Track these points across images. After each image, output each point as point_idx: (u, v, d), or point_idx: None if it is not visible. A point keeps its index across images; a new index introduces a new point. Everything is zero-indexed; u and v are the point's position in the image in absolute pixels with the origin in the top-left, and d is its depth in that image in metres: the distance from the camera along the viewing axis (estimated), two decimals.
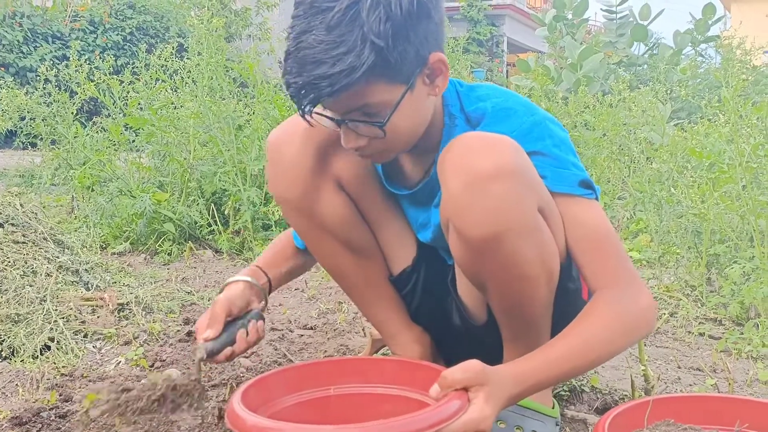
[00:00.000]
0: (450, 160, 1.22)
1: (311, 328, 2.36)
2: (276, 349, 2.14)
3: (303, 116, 1.27)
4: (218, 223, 3.52)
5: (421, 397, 1.23)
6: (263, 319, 1.50)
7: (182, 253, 3.44)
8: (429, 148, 1.42)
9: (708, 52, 8.72)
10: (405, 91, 1.24)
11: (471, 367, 1.13)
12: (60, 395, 1.66)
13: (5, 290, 2.13)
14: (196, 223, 3.55)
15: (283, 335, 2.26)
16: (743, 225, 2.49)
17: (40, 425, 1.54)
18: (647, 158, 3.57)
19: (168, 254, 3.40)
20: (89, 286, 2.46)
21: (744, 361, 2.02)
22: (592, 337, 1.23)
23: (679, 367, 1.97)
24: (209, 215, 3.55)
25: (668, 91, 4.54)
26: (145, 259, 3.42)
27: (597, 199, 1.35)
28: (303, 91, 1.21)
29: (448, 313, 1.58)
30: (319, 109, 1.27)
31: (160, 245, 3.45)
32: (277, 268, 1.63)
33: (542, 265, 1.27)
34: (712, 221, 2.48)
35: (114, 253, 3.42)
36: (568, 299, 1.39)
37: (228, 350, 1.39)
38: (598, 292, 1.29)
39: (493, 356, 1.51)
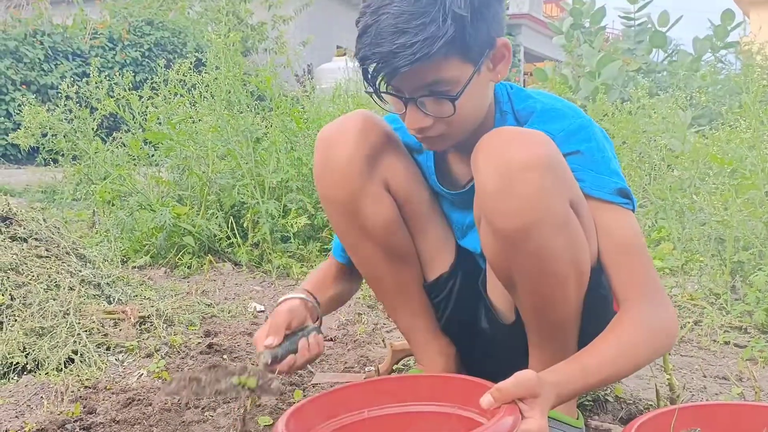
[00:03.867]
0: (483, 152, 1.23)
1: (331, 340, 2.36)
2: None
3: (372, 94, 1.28)
4: (237, 235, 3.54)
5: (457, 411, 1.21)
6: (321, 334, 1.49)
7: (202, 266, 3.46)
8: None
9: (728, 58, 8.65)
10: (475, 70, 1.27)
11: (526, 378, 1.12)
12: (84, 407, 1.67)
13: (30, 304, 2.15)
14: (215, 236, 3.56)
15: None
16: (767, 232, 2.46)
17: None
18: (668, 166, 3.54)
19: (188, 267, 3.41)
20: (111, 299, 2.47)
21: None
22: (624, 348, 1.23)
23: (705, 376, 1.94)
24: (228, 228, 3.56)
25: (688, 98, 4.50)
26: (165, 272, 3.44)
27: (633, 210, 1.34)
28: (382, 63, 1.22)
29: (477, 318, 1.58)
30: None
31: (179, 258, 3.47)
32: (323, 293, 1.63)
33: (572, 262, 1.27)
34: (735, 228, 2.45)
35: (135, 267, 3.44)
36: (598, 307, 1.38)
37: (290, 358, 1.40)
38: (626, 303, 1.29)
39: (517, 361, 1.50)
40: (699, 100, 4.15)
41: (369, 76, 1.26)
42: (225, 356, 2.08)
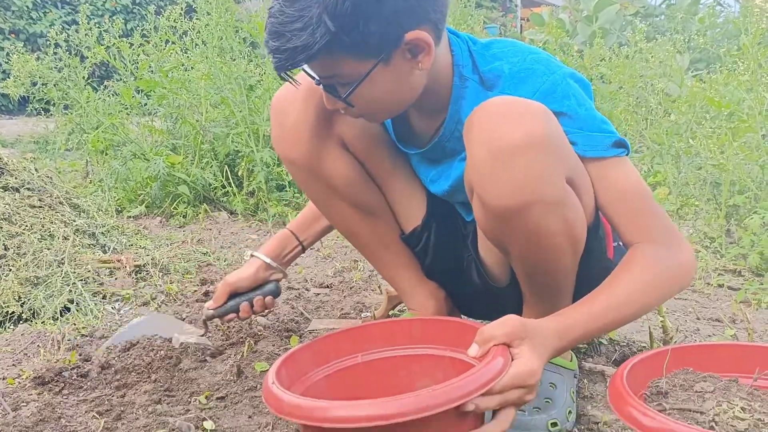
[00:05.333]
0: (477, 127, 1.18)
1: (327, 287, 2.37)
2: (293, 308, 2.14)
3: (280, 76, 1.26)
4: (232, 184, 3.52)
5: (451, 354, 1.21)
6: (276, 292, 1.69)
7: (197, 215, 3.45)
8: (437, 108, 1.38)
9: (726, 1, 8.50)
10: (374, 65, 1.20)
11: (509, 321, 1.10)
12: (80, 355, 1.68)
13: (24, 254, 2.15)
14: (210, 185, 3.55)
15: (299, 294, 2.27)
16: (763, 175, 2.45)
17: (62, 384, 1.56)
18: (665, 111, 3.51)
19: (183, 217, 3.41)
20: (106, 248, 2.47)
21: (764, 311, 2.00)
22: (633, 290, 1.19)
23: (698, 319, 1.95)
24: (223, 177, 3.54)
25: (686, 42, 4.44)
26: (160, 221, 3.43)
27: (628, 153, 1.31)
28: (274, 56, 1.20)
29: (466, 271, 1.57)
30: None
31: (175, 208, 3.46)
32: (312, 228, 1.73)
33: (568, 235, 1.24)
34: (731, 172, 2.44)
35: (130, 217, 3.44)
36: (592, 259, 1.36)
37: (232, 315, 1.67)
38: (636, 245, 1.25)
39: (512, 311, 1.51)
40: (697, 43, 4.09)
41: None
42: None
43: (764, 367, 1.12)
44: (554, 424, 1.35)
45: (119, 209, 3.53)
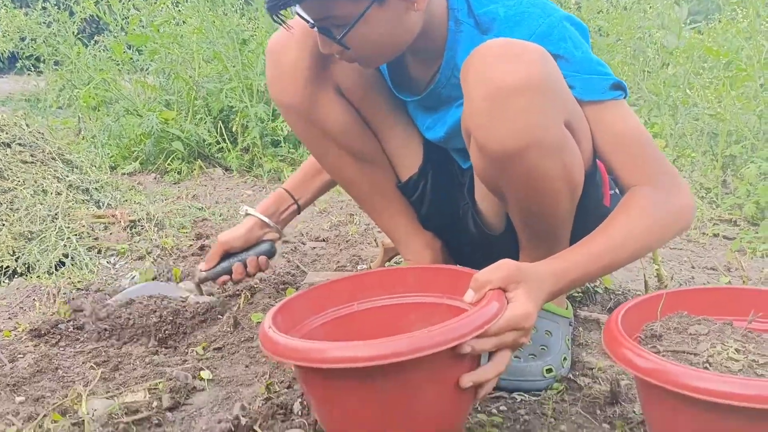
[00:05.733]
0: (474, 70, 1.15)
1: (323, 240, 2.37)
2: (289, 261, 2.14)
3: (273, 18, 1.24)
4: (227, 140, 3.49)
5: (447, 301, 1.21)
6: (271, 252, 1.69)
7: (192, 171, 3.43)
8: (433, 53, 1.36)
9: None
10: (369, 5, 1.18)
11: (505, 266, 1.10)
12: (76, 309, 1.67)
13: (17, 209, 2.13)
14: (204, 141, 3.52)
15: (295, 248, 2.27)
16: (760, 124, 2.43)
17: (59, 336, 1.57)
18: (663, 62, 3.47)
19: (178, 173, 3.39)
20: (100, 204, 2.46)
21: (759, 260, 2.01)
22: (631, 233, 1.18)
23: (693, 267, 1.96)
24: (217, 133, 3.51)
25: None
26: (155, 178, 3.41)
27: (626, 97, 1.29)
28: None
29: (463, 220, 1.57)
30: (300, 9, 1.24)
31: (169, 164, 3.44)
32: (307, 187, 1.74)
33: (566, 180, 1.22)
34: (728, 122, 2.43)
35: (124, 174, 3.42)
36: (589, 206, 1.35)
37: (225, 278, 1.67)
38: (634, 188, 1.23)
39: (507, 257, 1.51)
40: None
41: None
42: None
43: (759, 309, 1.12)
44: (549, 371, 1.36)
45: (113, 166, 3.51)
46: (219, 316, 1.66)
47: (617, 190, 1.38)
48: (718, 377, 0.88)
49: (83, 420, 1.21)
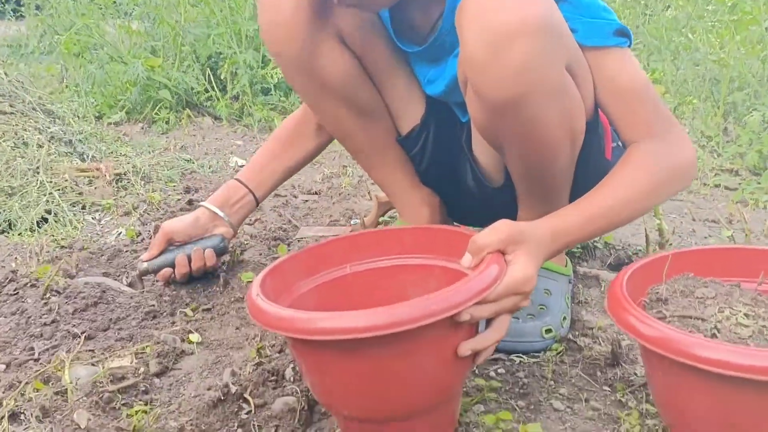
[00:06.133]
0: (469, 12, 1.08)
1: (315, 193, 2.31)
2: (280, 215, 2.09)
3: None
4: (215, 88, 3.39)
5: (444, 263, 1.15)
6: (220, 248, 1.56)
7: (180, 121, 3.34)
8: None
9: None
10: None
11: (503, 227, 1.04)
12: (59, 269, 1.61)
13: None
14: (192, 89, 3.42)
15: (287, 201, 2.21)
16: (764, 70, 2.35)
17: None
18: (664, 5, 3.37)
19: (165, 123, 3.30)
20: (84, 156, 2.39)
21: (761, 211, 1.96)
22: (632, 191, 1.14)
23: (694, 220, 1.91)
24: (206, 80, 3.41)
25: None
26: (142, 128, 3.33)
27: (630, 45, 1.22)
28: None
29: (461, 174, 1.51)
30: None
31: (156, 113, 3.34)
32: (263, 176, 1.64)
33: (567, 128, 1.17)
34: (731, 68, 2.35)
35: (110, 123, 3.33)
36: (590, 158, 1.30)
37: (167, 270, 1.53)
38: (636, 143, 1.18)
39: (506, 217, 1.45)
40: None
41: None
42: None
43: None
44: (548, 331, 1.32)
45: (98, 115, 3.41)
46: (207, 275, 1.61)
47: (620, 143, 1.32)
48: (727, 348, 0.83)
49: (66, 389, 1.17)
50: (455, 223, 1.66)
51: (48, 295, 1.48)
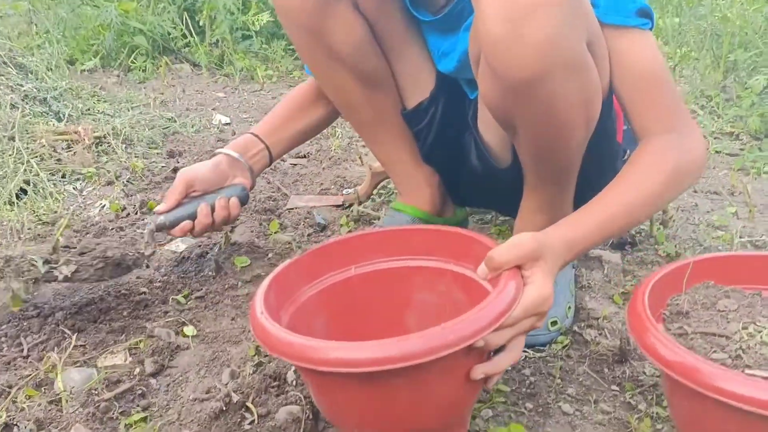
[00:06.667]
0: None
1: (304, 157, 2.23)
2: (269, 183, 2.02)
3: None
4: (193, 34, 3.24)
5: (452, 267, 1.10)
6: (243, 196, 1.44)
7: (158, 68, 3.20)
8: None
9: None
10: None
11: (523, 242, 0.98)
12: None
13: None
14: (169, 34, 3.27)
15: (275, 166, 2.13)
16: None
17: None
18: None
19: (142, 71, 3.16)
20: (60, 116, 2.27)
21: (763, 180, 1.92)
22: (644, 192, 1.10)
23: (695, 192, 1.87)
24: (183, 25, 3.25)
25: None
26: (118, 77, 3.19)
27: (652, 28, 1.15)
28: None
29: (466, 153, 1.44)
30: None
31: (133, 61, 3.20)
32: (280, 134, 1.54)
33: (584, 109, 1.11)
34: (733, 23, 2.27)
35: (84, 71, 3.18)
36: (603, 140, 1.25)
37: (186, 224, 1.37)
38: (648, 138, 1.14)
39: (511, 199, 1.40)
40: None
41: None
42: None
43: None
44: (554, 323, 1.29)
45: (71, 61, 3.25)
46: (199, 258, 1.55)
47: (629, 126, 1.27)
48: (754, 384, 0.80)
49: (60, 397, 1.12)
50: (457, 208, 1.61)
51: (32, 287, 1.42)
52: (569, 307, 1.33)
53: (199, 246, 1.59)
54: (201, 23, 3.21)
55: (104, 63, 3.28)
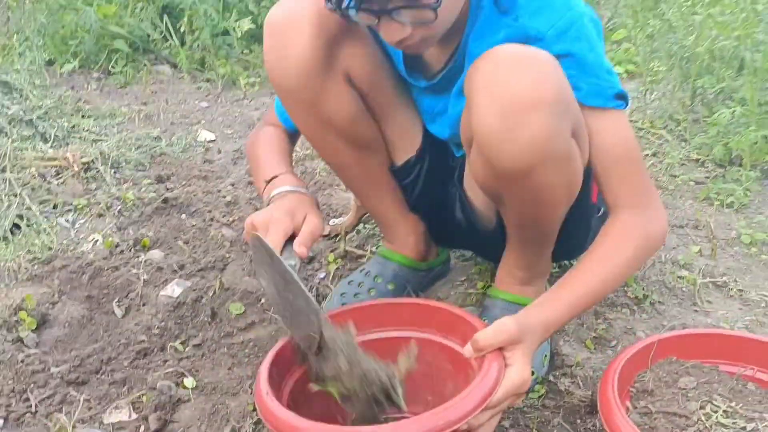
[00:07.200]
0: (482, 82, 1.10)
1: None
2: (257, 209, 2.08)
3: (343, 16, 1.14)
4: (174, 38, 3.25)
5: (441, 340, 1.21)
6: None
7: (138, 72, 3.22)
8: (452, 34, 1.27)
9: None
10: None
11: (505, 327, 1.08)
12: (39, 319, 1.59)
13: None
14: (149, 36, 3.27)
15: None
16: (736, 54, 2.37)
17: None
18: None
19: (123, 75, 3.17)
20: (47, 136, 2.31)
21: (725, 213, 2.03)
22: (613, 268, 1.21)
23: None
24: (163, 27, 3.25)
25: None
26: (98, 80, 3.20)
27: (627, 106, 1.26)
28: None
29: (451, 207, 1.54)
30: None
31: (113, 66, 3.21)
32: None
33: (567, 189, 1.22)
34: (702, 55, 2.38)
35: (63, 74, 3.18)
36: (580, 203, 1.35)
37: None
38: (617, 212, 1.25)
39: (492, 250, 1.52)
40: None
41: None
42: (183, 215, 2.00)
43: (744, 356, 1.15)
44: (531, 373, 1.39)
45: (50, 62, 3.25)
46: (195, 303, 1.62)
47: None
48: None
49: None
50: (440, 249, 1.70)
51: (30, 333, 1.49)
52: (545, 356, 1.44)
53: (194, 290, 1.66)
54: (182, 30, 3.22)
55: (83, 64, 3.28)
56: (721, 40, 2.36)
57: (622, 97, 1.25)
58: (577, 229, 1.43)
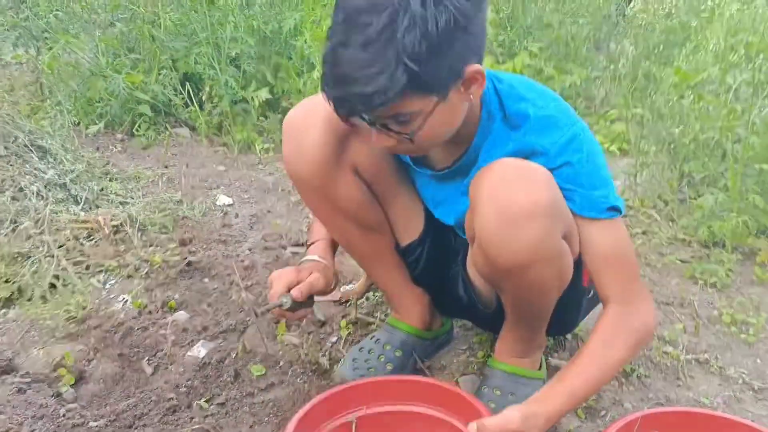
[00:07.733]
0: (485, 190, 1.28)
1: (302, 244, 2.45)
2: (271, 272, 2.23)
3: (345, 120, 1.28)
4: (194, 104, 3.44)
5: (448, 418, 1.37)
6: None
7: (159, 135, 3.40)
8: (462, 140, 1.43)
9: None
10: (437, 102, 1.23)
11: (512, 418, 1.21)
12: (77, 375, 1.73)
13: (1, 221, 2.15)
14: (170, 101, 3.47)
15: (276, 256, 2.35)
16: (720, 142, 2.56)
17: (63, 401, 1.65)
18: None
19: (145, 137, 3.36)
20: (78, 199, 2.47)
21: (709, 292, 2.19)
22: (608, 364, 1.35)
23: None
24: (185, 93, 3.45)
25: None
26: (122, 141, 3.38)
27: (621, 214, 1.40)
28: (338, 104, 1.21)
29: (453, 283, 1.70)
30: None
31: (137, 129, 3.39)
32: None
33: (560, 280, 1.40)
34: (688, 147, 2.57)
35: (88, 135, 3.36)
36: (570, 289, 1.50)
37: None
38: (607, 307, 1.39)
39: (492, 324, 1.72)
40: None
41: (332, 108, 1.24)
42: (206, 279, 2.16)
43: None
44: None
45: (76, 123, 3.44)
46: (219, 364, 1.76)
47: None
48: None
49: None
50: (444, 318, 1.85)
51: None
52: None
53: (218, 351, 1.81)
54: (203, 99, 3.41)
55: (107, 125, 3.47)
56: (706, 129, 2.56)
57: (615, 208, 1.39)
58: (569, 309, 1.62)
